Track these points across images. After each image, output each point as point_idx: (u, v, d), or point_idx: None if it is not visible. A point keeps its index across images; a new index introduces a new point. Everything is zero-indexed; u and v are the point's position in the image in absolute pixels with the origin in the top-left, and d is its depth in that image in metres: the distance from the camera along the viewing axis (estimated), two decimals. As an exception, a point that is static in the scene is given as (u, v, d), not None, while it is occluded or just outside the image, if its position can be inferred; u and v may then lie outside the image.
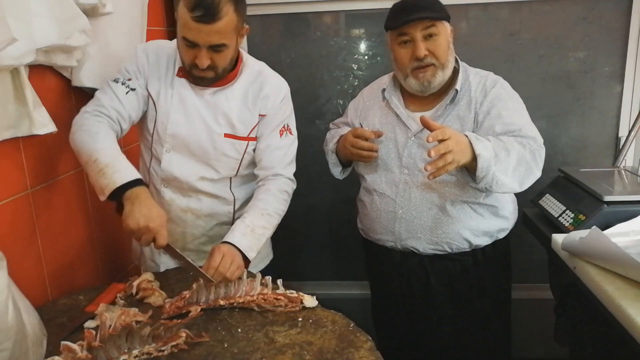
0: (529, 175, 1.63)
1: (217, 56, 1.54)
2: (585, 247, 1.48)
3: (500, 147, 1.56)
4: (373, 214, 1.86)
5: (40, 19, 1.42)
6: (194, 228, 1.80)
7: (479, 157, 1.51)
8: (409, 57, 1.69)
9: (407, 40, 1.68)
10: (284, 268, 1.93)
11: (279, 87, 1.74)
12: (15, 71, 1.42)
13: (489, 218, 1.79)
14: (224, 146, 1.70)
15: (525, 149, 1.61)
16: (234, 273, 1.50)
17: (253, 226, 1.61)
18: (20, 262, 1.50)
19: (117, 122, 1.62)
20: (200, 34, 1.48)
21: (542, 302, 2.37)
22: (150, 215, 1.43)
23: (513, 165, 1.58)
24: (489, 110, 1.69)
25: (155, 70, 1.68)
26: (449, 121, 1.72)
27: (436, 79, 1.70)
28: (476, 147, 1.51)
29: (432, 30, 1.66)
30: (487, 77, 1.78)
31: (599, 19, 2.38)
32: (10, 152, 1.47)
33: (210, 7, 1.44)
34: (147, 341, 1.25)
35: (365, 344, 1.29)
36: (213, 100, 1.68)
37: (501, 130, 1.65)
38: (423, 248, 1.79)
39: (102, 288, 1.62)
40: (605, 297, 1.35)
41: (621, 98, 2.45)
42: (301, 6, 2.49)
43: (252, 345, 1.30)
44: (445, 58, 1.69)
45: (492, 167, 1.53)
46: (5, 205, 1.44)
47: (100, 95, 1.63)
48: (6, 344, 1.03)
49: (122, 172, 1.47)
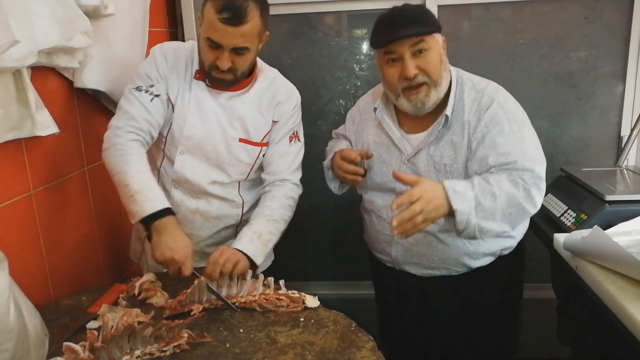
0: (522, 214, 1.53)
1: (238, 59, 1.56)
2: (587, 247, 1.48)
3: (486, 192, 1.46)
4: (372, 234, 1.82)
5: (42, 20, 1.43)
6: (201, 230, 1.80)
7: (456, 212, 1.43)
8: (398, 76, 1.54)
9: (395, 59, 1.54)
10: (287, 268, 1.93)
11: (291, 95, 1.76)
12: (18, 73, 1.43)
13: (490, 241, 1.67)
14: (239, 151, 1.71)
15: (517, 187, 1.49)
16: (229, 269, 1.52)
17: (260, 232, 1.63)
18: (23, 262, 1.50)
19: (148, 133, 1.64)
20: (226, 35, 1.49)
21: (544, 302, 2.37)
22: (176, 247, 1.48)
23: (502, 209, 1.48)
24: (483, 137, 1.55)
25: (175, 72, 1.68)
26: (442, 147, 1.60)
27: (430, 98, 1.56)
28: (453, 202, 1.42)
29: (422, 45, 1.51)
30: (483, 92, 1.60)
31: (600, 19, 2.38)
32: (13, 154, 1.48)
33: (239, 10, 1.46)
34: (149, 341, 1.25)
35: (367, 344, 1.29)
36: (229, 104, 1.68)
37: (494, 162, 1.52)
38: (420, 273, 1.75)
39: (105, 289, 1.62)
40: (607, 296, 1.35)
41: (623, 97, 2.45)
42: (303, 7, 2.49)
43: (254, 345, 1.30)
44: (438, 74, 1.55)
45: (472, 219, 1.45)
46: (8, 207, 1.45)
47: (127, 108, 1.63)
48: (8, 344, 1.03)
49: (151, 201, 1.52)
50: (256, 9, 1.50)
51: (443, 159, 1.61)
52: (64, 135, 1.64)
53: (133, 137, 1.61)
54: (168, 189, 1.76)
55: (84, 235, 1.84)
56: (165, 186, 1.77)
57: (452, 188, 1.44)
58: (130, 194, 1.52)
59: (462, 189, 1.45)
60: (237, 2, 1.46)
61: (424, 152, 1.63)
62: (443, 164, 1.61)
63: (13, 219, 1.47)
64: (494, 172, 1.52)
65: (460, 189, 1.44)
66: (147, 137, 1.64)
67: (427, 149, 1.63)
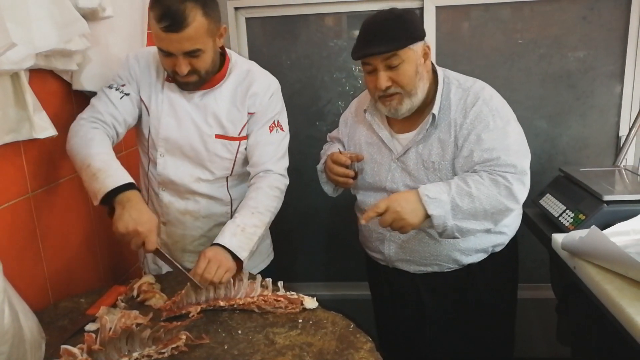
0: (504, 212, 1.58)
1: (195, 61, 1.55)
2: (585, 247, 1.48)
3: (463, 195, 1.51)
4: (366, 233, 1.85)
5: (39, 23, 1.43)
6: (193, 229, 1.80)
7: (432, 217, 1.50)
8: (374, 86, 1.60)
9: (370, 70, 1.59)
10: (285, 269, 1.94)
11: (267, 85, 1.73)
12: (16, 75, 1.43)
13: (480, 236, 1.71)
14: (216, 147, 1.71)
15: (498, 186, 1.53)
16: (221, 277, 1.48)
17: (244, 225, 1.58)
18: (21, 265, 1.50)
19: (112, 127, 1.64)
20: (172, 43, 1.49)
21: (544, 302, 2.38)
22: (140, 219, 1.42)
23: (483, 209, 1.53)
24: (469, 133, 1.59)
25: (147, 76, 1.70)
26: (430, 145, 1.65)
27: (403, 106, 1.61)
28: (427, 208, 1.49)
29: (394, 61, 1.55)
30: (469, 90, 1.64)
31: (598, 19, 2.38)
32: (11, 156, 1.48)
33: (176, 16, 1.44)
34: (147, 344, 1.25)
35: (365, 345, 1.29)
36: (202, 102, 1.69)
37: (479, 159, 1.57)
38: (413, 269, 1.78)
39: (103, 291, 1.62)
40: (605, 296, 1.35)
41: (621, 97, 2.45)
42: (302, 8, 2.50)
43: (252, 346, 1.30)
44: (412, 85, 1.58)
45: (448, 222, 1.51)
46: (6, 209, 1.45)
47: (95, 102, 1.66)
48: (3, 347, 1.03)
49: (114, 177, 1.47)
50: (196, 8, 1.47)
51: (431, 157, 1.65)
52: (62, 138, 1.64)
53: (95, 126, 1.61)
54: (157, 191, 1.78)
55: (83, 237, 1.84)
56: (154, 189, 1.79)
57: (425, 194, 1.51)
58: (92, 172, 1.48)
59: (436, 194, 1.51)
60: (173, 8, 1.44)
61: (412, 151, 1.68)
62: (431, 161, 1.65)
63: (11, 221, 1.47)
64: (477, 169, 1.57)
65: (434, 194, 1.51)
66: (111, 130, 1.64)
67: (415, 148, 1.67)
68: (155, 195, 1.79)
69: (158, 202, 1.78)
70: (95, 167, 1.48)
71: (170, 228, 1.80)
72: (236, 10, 2.51)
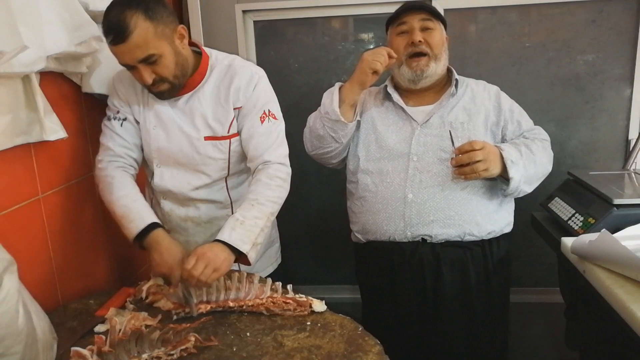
0: (545, 176, 1.81)
1: (156, 68, 1.53)
2: (595, 251, 1.47)
3: (530, 161, 1.69)
4: (378, 206, 1.82)
5: (50, 26, 1.44)
6: (196, 236, 1.81)
7: (512, 180, 1.65)
8: (405, 44, 1.77)
9: (405, 31, 1.78)
10: (293, 272, 1.94)
11: (249, 76, 1.68)
12: (27, 78, 1.44)
13: (496, 205, 1.83)
14: (207, 149, 1.70)
15: (548, 154, 1.78)
16: (208, 276, 1.44)
17: (243, 218, 1.55)
18: (32, 266, 1.51)
19: (127, 157, 1.71)
20: (123, 55, 1.49)
21: (552, 306, 2.36)
22: (162, 262, 1.53)
23: (537, 174, 1.74)
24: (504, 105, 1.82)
25: (132, 94, 1.71)
26: (455, 112, 1.81)
27: (429, 68, 1.77)
28: (510, 171, 1.64)
29: (429, 24, 1.77)
30: (483, 82, 1.91)
31: (607, 22, 2.37)
32: (22, 158, 1.49)
33: (118, 27, 1.44)
34: (156, 345, 1.26)
35: (374, 348, 1.29)
36: (188, 106, 1.68)
37: (527, 127, 1.82)
38: (434, 233, 1.76)
39: (113, 292, 1.63)
40: (615, 300, 1.34)
41: (631, 100, 2.43)
42: (310, 11, 2.50)
43: (260, 349, 1.30)
44: (439, 51, 1.78)
45: (520, 185, 1.68)
46: (16, 211, 1.46)
47: (103, 141, 1.72)
48: (17, 347, 1.04)
49: (135, 221, 1.58)
50: (137, 14, 1.44)
51: (458, 119, 1.81)
52: (72, 140, 1.65)
53: (113, 165, 1.69)
54: (158, 200, 1.81)
55: (92, 239, 1.85)
56: (157, 198, 1.82)
57: (509, 158, 1.65)
58: (117, 219, 1.62)
59: (516, 159, 1.66)
60: (114, 20, 1.44)
61: (436, 117, 1.82)
62: (460, 122, 1.80)
63: (22, 223, 1.48)
64: (527, 136, 1.79)
65: (515, 159, 1.66)
66: (128, 160, 1.72)
67: (439, 114, 1.82)
68: (157, 204, 1.82)
69: (160, 211, 1.80)
70: (118, 214, 1.61)
71: (174, 235, 1.78)
72: (244, 13, 2.52)
